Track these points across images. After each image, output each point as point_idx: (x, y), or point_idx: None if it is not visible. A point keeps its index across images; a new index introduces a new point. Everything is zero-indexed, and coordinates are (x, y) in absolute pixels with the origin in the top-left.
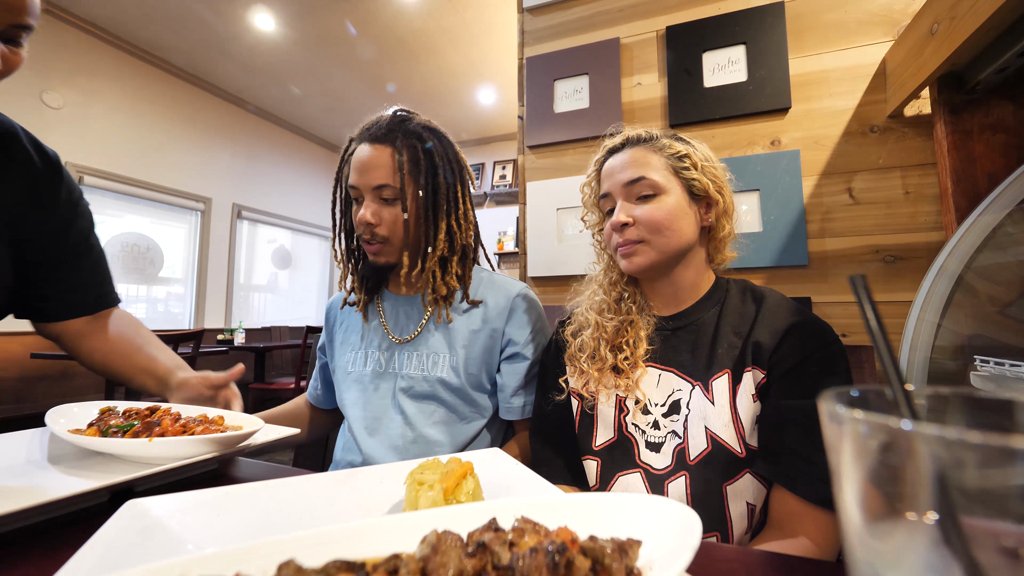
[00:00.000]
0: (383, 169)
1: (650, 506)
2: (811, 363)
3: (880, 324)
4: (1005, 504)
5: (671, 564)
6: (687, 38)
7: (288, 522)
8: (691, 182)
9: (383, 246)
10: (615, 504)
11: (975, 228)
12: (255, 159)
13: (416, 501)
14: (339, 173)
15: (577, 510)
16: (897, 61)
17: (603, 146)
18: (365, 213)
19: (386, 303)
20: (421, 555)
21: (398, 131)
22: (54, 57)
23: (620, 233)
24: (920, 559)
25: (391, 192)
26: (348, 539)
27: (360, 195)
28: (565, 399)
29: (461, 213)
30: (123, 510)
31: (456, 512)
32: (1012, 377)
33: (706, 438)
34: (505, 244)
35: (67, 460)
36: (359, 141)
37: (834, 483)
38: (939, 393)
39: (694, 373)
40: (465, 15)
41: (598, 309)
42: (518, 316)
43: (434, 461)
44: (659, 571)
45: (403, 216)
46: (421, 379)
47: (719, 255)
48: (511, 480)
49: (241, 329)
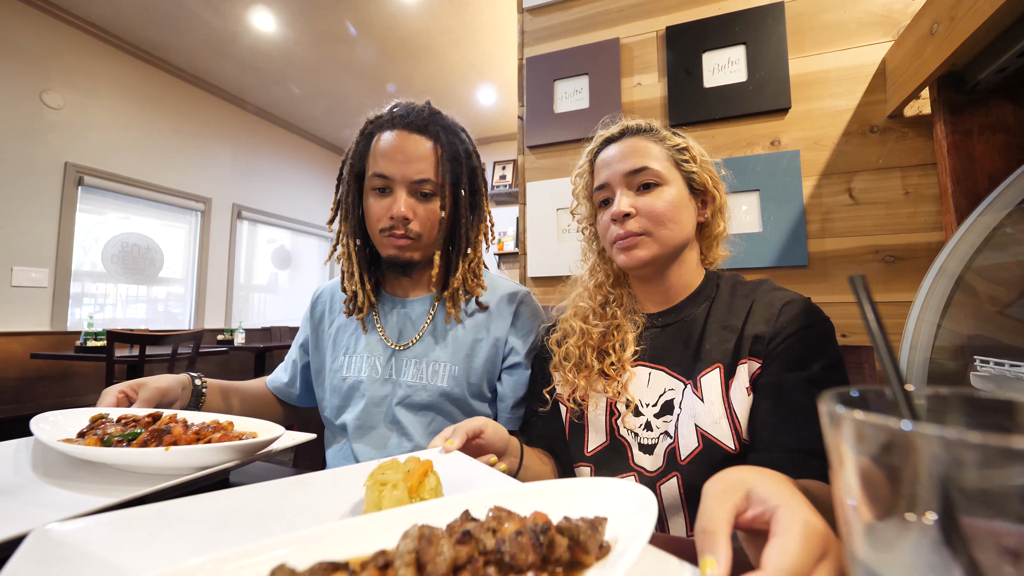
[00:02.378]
0: (424, 162)
1: (608, 487)
2: (797, 338)
3: (880, 324)
4: (1005, 504)
5: (636, 536)
6: (687, 38)
7: (235, 536)
8: (691, 175)
9: (413, 242)
10: (577, 488)
11: (975, 228)
12: (255, 159)
13: (379, 502)
14: (354, 158)
15: (543, 496)
16: (897, 61)
17: (598, 136)
18: (399, 206)
19: (382, 305)
20: (411, 548)
21: (437, 124)
22: (54, 57)
23: (620, 224)
24: (920, 559)
25: (431, 187)
26: (322, 541)
27: (389, 185)
28: (553, 408)
29: (487, 214)
30: (32, 540)
31: (428, 507)
32: (1012, 377)
33: (696, 437)
34: (505, 244)
35: (57, 473)
36: (391, 127)
37: (833, 483)
38: (939, 393)
39: (684, 371)
40: (465, 15)
41: (583, 316)
42: (521, 323)
43: (393, 461)
44: (624, 543)
45: (441, 214)
46: (420, 388)
47: (712, 253)
48: (469, 476)
49: (241, 329)
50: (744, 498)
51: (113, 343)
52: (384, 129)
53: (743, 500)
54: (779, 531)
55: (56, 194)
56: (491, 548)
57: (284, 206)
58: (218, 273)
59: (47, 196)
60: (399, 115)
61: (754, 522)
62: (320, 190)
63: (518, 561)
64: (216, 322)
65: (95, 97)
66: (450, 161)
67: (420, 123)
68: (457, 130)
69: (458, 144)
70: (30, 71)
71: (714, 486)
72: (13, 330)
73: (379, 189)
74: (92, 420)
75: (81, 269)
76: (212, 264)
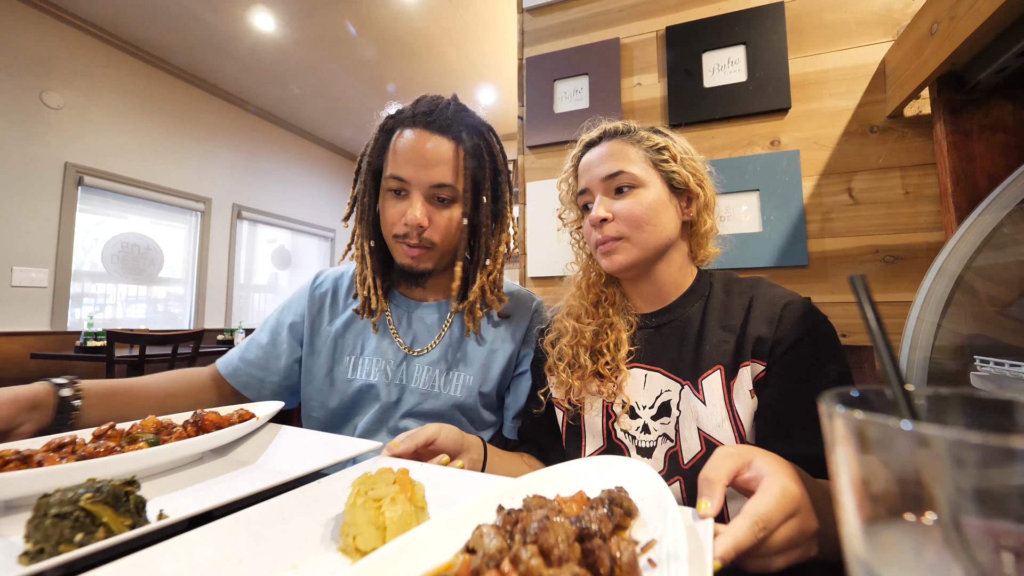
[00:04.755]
0: (445, 166)
1: (605, 463)
2: (805, 344)
3: (880, 324)
4: (1005, 504)
5: (662, 495)
6: (687, 38)
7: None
8: (671, 175)
9: (427, 251)
10: (581, 468)
11: (975, 228)
12: (255, 159)
13: (380, 519)
14: (372, 154)
15: (558, 479)
16: (897, 61)
17: (580, 140)
18: (414, 212)
19: (395, 307)
20: (498, 547)
21: (461, 124)
22: (54, 57)
23: (599, 229)
24: (920, 559)
25: (450, 193)
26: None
27: (406, 188)
28: (548, 412)
29: (511, 222)
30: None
31: (472, 509)
32: (1012, 377)
33: (699, 440)
34: None
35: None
36: (412, 125)
37: (833, 483)
38: (939, 393)
39: (682, 372)
40: (465, 15)
41: (576, 315)
42: (533, 334)
43: (378, 474)
44: (649, 504)
45: (462, 222)
46: (433, 396)
47: (701, 251)
48: (432, 477)
49: (241, 329)
50: (746, 465)
51: (113, 343)
52: (405, 126)
53: (744, 466)
54: (761, 489)
55: (56, 194)
56: (571, 526)
57: (284, 206)
58: (218, 273)
59: (47, 196)
60: (421, 112)
61: (748, 483)
62: (320, 190)
63: (603, 531)
64: (216, 322)
65: (95, 97)
66: (472, 165)
67: (443, 122)
68: (484, 130)
69: (483, 146)
70: (30, 71)
71: (724, 449)
72: (13, 330)
73: (395, 191)
74: (49, 446)
75: (81, 269)
76: (212, 264)
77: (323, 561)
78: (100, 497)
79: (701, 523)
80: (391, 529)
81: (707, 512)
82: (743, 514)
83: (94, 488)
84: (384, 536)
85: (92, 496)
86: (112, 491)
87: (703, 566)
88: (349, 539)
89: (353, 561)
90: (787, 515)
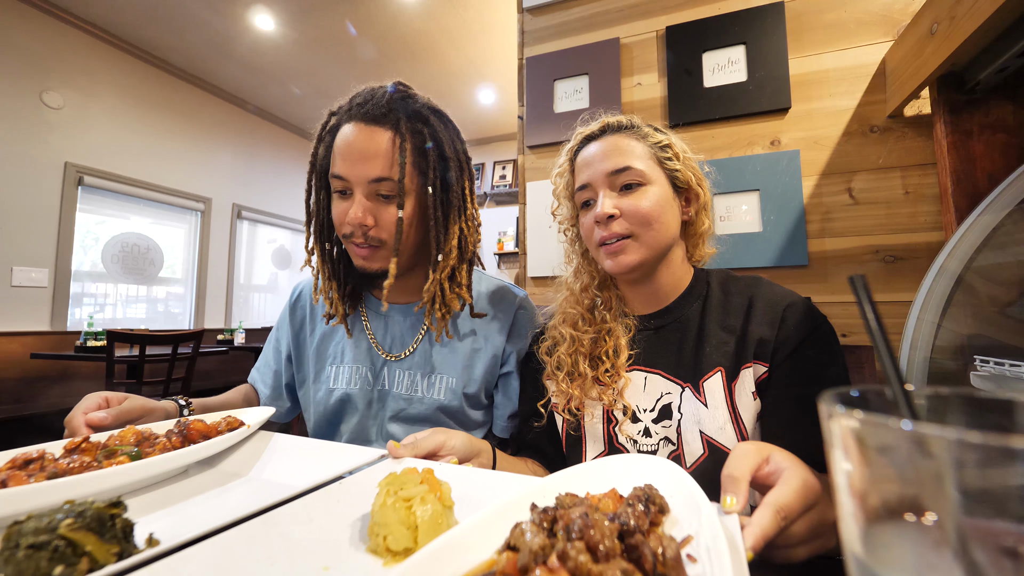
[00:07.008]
0: (381, 159)
1: (633, 461)
2: (808, 346)
3: (880, 324)
4: (1005, 504)
5: (693, 491)
6: (687, 38)
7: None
8: (674, 173)
9: (376, 250)
10: (609, 466)
11: (975, 228)
12: (255, 159)
13: (411, 519)
14: (315, 157)
15: (586, 477)
16: (897, 61)
17: (577, 133)
18: (356, 211)
19: (372, 312)
20: (541, 544)
21: (400, 111)
22: (54, 57)
23: (604, 227)
24: (920, 559)
25: (390, 187)
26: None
27: (348, 187)
28: (548, 419)
29: (469, 214)
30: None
31: (504, 508)
32: (1012, 377)
33: (702, 443)
34: (505, 244)
35: None
36: (348, 119)
37: (833, 483)
38: (939, 393)
39: (682, 374)
40: (465, 15)
41: (572, 322)
42: (518, 330)
43: (404, 474)
44: (679, 501)
45: (404, 216)
46: (416, 401)
47: (698, 251)
48: (454, 477)
49: (241, 329)
50: (765, 460)
51: (113, 343)
52: (344, 121)
53: (764, 461)
54: (781, 481)
55: (56, 194)
56: (609, 523)
57: (284, 206)
58: (218, 273)
59: (47, 196)
60: (357, 104)
61: (767, 478)
62: None
63: (642, 527)
64: (216, 322)
65: (95, 97)
66: (416, 154)
67: (378, 112)
68: (426, 115)
69: (426, 133)
70: (30, 71)
71: (744, 446)
72: (13, 330)
73: (340, 191)
74: (14, 462)
75: (81, 269)
76: (212, 264)
77: (354, 561)
78: (83, 523)
79: (728, 518)
80: (422, 529)
81: (733, 508)
82: (765, 504)
83: (75, 512)
84: (415, 536)
85: (73, 522)
86: (96, 515)
87: (740, 558)
88: (379, 539)
89: (385, 561)
90: (807, 505)
